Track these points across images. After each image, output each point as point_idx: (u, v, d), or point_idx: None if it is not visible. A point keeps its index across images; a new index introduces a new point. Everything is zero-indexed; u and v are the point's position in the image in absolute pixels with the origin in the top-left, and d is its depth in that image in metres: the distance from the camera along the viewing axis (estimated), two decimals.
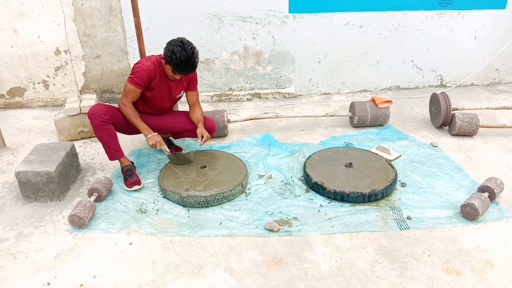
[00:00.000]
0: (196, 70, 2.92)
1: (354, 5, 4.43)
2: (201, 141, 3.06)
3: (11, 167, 3.29)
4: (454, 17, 4.61)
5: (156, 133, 2.93)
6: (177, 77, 2.88)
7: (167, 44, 2.75)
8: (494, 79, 5.08)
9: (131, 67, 4.45)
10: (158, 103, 3.06)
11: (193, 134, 3.27)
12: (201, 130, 3.10)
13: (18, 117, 4.32)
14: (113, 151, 2.93)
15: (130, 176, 2.93)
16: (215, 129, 3.29)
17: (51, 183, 2.75)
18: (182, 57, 2.66)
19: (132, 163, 3.07)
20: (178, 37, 2.78)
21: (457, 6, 4.55)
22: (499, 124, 3.78)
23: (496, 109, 3.88)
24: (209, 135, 3.11)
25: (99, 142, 3.65)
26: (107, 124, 2.81)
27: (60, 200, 2.84)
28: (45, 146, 3.03)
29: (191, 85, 3.15)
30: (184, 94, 3.21)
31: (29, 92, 4.56)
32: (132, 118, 2.87)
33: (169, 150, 3.00)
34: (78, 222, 2.51)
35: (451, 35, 4.71)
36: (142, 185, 2.94)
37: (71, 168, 3.02)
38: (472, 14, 4.62)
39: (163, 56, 2.80)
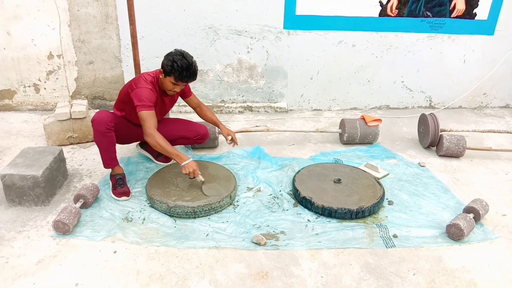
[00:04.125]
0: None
1: (347, 25, 4.50)
2: (230, 141, 3.23)
3: None
4: (445, 41, 4.71)
5: (191, 159, 2.76)
6: (177, 89, 2.84)
7: (165, 57, 2.75)
8: (482, 102, 5.18)
9: (124, 75, 4.50)
10: None
11: (187, 141, 3.30)
12: (226, 130, 3.24)
13: (6, 120, 4.27)
14: (110, 159, 2.91)
15: (120, 186, 2.91)
16: (208, 136, 3.34)
17: (37, 188, 2.71)
18: (183, 65, 2.68)
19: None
20: (175, 49, 2.80)
21: (447, 30, 4.66)
22: (486, 147, 3.84)
23: (483, 132, 3.94)
24: (235, 135, 3.24)
25: (88, 149, 3.67)
26: (111, 131, 2.79)
27: (45, 205, 2.79)
28: (33, 150, 2.99)
29: (186, 93, 3.18)
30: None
31: (19, 95, 4.52)
32: (167, 147, 2.70)
33: (203, 179, 2.83)
34: (63, 228, 2.47)
35: (441, 58, 4.81)
36: (130, 197, 2.91)
37: (58, 173, 2.98)
38: (462, 39, 4.73)
39: (161, 70, 2.78)
